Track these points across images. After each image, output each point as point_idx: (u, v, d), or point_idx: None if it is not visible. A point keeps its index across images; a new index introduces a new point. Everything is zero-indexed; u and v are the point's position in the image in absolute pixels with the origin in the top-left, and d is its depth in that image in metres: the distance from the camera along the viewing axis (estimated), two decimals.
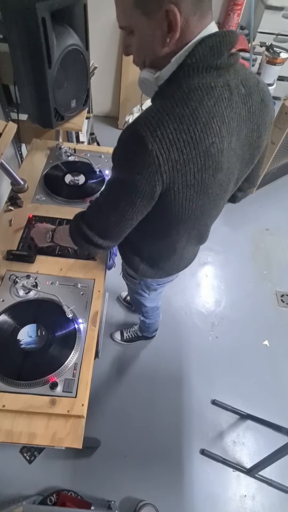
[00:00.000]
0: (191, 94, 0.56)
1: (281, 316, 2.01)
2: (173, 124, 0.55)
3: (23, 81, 1.18)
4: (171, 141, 0.56)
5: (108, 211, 0.71)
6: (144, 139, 0.55)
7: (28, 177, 1.30)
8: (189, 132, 0.56)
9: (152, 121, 0.55)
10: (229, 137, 0.62)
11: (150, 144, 0.55)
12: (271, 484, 1.44)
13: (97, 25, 2.41)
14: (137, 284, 1.14)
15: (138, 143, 0.56)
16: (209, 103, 0.57)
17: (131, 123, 0.59)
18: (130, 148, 0.58)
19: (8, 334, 0.90)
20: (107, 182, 0.71)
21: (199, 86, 0.57)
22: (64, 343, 0.89)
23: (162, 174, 0.58)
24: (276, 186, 2.80)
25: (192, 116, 0.56)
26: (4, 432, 0.77)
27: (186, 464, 1.47)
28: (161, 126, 0.55)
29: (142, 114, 0.58)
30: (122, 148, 0.61)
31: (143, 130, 0.55)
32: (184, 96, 0.56)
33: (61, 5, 1.05)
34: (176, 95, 0.57)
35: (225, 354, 1.81)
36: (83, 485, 1.36)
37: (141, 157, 0.57)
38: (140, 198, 0.63)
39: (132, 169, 0.59)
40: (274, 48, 3.09)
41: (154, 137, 0.55)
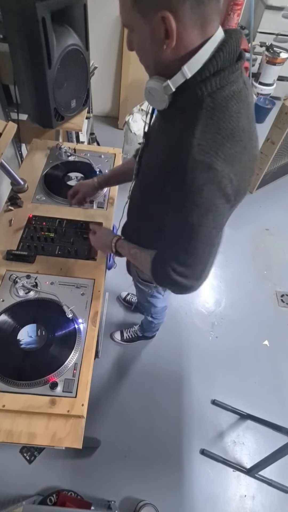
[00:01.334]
0: (229, 105, 0.57)
1: (281, 316, 2.01)
2: (227, 140, 0.56)
3: (23, 81, 1.18)
4: (231, 155, 0.57)
5: (202, 252, 0.68)
6: (212, 164, 0.55)
7: (28, 177, 1.30)
8: (242, 142, 0.58)
9: (208, 145, 0.55)
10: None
11: (219, 167, 0.55)
12: (271, 484, 1.44)
13: (97, 25, 2.41)
14: (152, 287, 1.14)
15: (207, 171, 0.55)
16: (244, 109, 0.59)
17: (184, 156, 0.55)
18: (201, 180, 0.56)
19: (8, 334, 0.90)
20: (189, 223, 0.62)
21: (232, 95, 0.57)
22: (64, 343, 0.89)
23: (233, 187, 0.60)
24: (276, 186, 2.80)
25: (239, 127, 0.57)
26: (4, 432, 0.77)
27: (186, 464, 1.47)
28: (219, 147, 0.55)
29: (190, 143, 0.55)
30: (189, 184, 0.57)
31: (206, 157, 0.54)
32: (224, 110, 0.56)
33: (61, 5, 1.05)
34: (215, 110, 0.56)
35: (225, 354, 1.81)
36: (83, 485, 1.36)
37: (216, 181, 0.56)
38: (224, 219, 0.66)
39: (211, 197, 0.58)
40: (274, 48, 3.10)
41: (218, 158, 0.55)
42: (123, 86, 2.86)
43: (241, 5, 2.87)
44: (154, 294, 1.19)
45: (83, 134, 2.10)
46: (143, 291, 1.20)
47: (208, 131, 0.55)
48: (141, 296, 1.29)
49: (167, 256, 0.73)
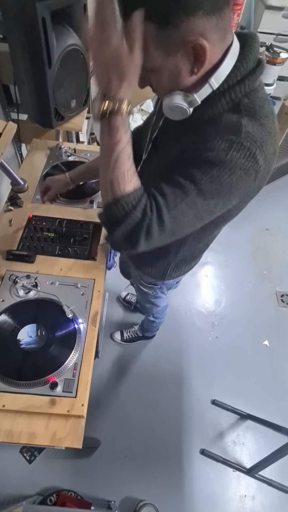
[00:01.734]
0: (265, 107, 0.58)
1: (281, 316, 2.01)
2: (268, 139, 0.57)
3: (23, 81, 1.18)
4: (269, 155, 0.57)
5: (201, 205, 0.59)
6: (256, 155, 0.55)
7: (28, 177, 1.30)
8: (275, 144, 0.59)
9: (256, 136, 0.55)
10: None
11: (260, 160, 0.56)
12: (271, 484, 1.44)
13: None
14: (157, 289, 1.14)
15: (249, 158, 0.55)
16: (273, 111, 0.60)
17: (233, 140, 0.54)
18: (240, 163, 0.55)
19: (8, 334, 0.90)
20: (193, 181, 0.56)
21: (265, 97, 0.59)
22: (64, 343, 0.89)
23: (256, 188, 0.61)
24: (276, 186, 2.79)
25: (274, 128, 0.59)
26: (4, 432, 0.77)
27: (186, 464, 1.47)
28: (264, 143, 0.56)
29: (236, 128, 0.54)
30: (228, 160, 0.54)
31: (253, 146, 0.54)
32: (262, 110, 0.57)
33: (61, 5, 1.04)
34: (256, 111, 0.56)
35: (225, 354, 1.81)
36: (83, 485, 1.36)
37: (249, 173, 0.56)
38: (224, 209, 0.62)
39: (235, 184, 0.57)
40: (274, 48, 3.09)
41: (262, 154, 0.56)
42: None
43: (241, 5, 2.87)
44: (158, 295, 1.18)
45: (83, 134, 2.10)
46: (146, 293, 1.19)
47: (254, 126, 0.55)
48: (143, 298, 1.28)
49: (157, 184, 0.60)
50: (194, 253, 0.95)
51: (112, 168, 0.56)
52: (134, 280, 1.20)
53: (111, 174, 0.57)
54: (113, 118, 0.54)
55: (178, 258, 0.94)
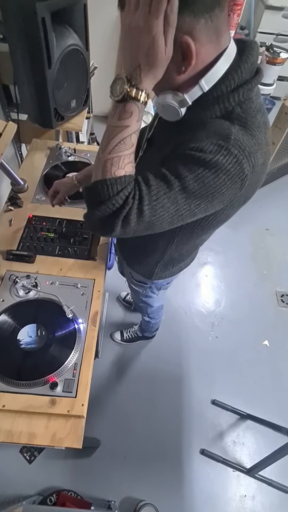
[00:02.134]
0: (257, 118, 0.58)
1: (281, 316, 2.01)
2: (258, 150, 0.57)
3: (23, 81, 1.18)
4: (257, 166, 0.57)
5: (182, 203, 0.58)
6: (243, 164, 0.55)
7: (28, 177, 1.30)
8: (266, 155, 0.60)
9: (245, 145, 0.55)
10: None
11: (246, 170, 0.56)
12: (271, 484, 1.44)
13: (97, 25, 2.41)
14: (147, 288, 1.14)
15: (235, 165, 0.54)
16: (267, 122, 0.60)
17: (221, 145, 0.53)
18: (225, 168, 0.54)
19: (8, 334, 0.90)
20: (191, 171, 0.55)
21: (259, 108, 0.58)
22: (64, 343, 0.89)
23: (241, 198, 0.62)
24: (276, 186, 2.80)
25: (265, 139, 0.59)
26: (4, 432, 0.77)
27: (186, 464, 1.47)
28: (252, 153, 0.56)
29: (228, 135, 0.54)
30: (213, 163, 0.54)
31: (240, 154, 0.54)
32: (254, 121, 0.57)
33: (61, 5, 1.05)
34: (248, 121, 0.57)
35: (225, 354, 1.81)
36: (83, 485, 1.36)
37: (234, 180, 0.56)
38: (206, 212, 0.62)
39: (218, 188, 0.56)
40: (274, 48, 3.09)
41: (249, 163, 0.56)
42: None
43: (241, 5, 2.87)
44: (149, 294, 1.19)
45: (83, 134, 2.10)
46: (137, 292, 1.20)
47: (244, 135, 0.55)
48: (136, 297, 1.29)
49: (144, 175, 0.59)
50: (182, 255, 0.95)
51: (111, 149, 0.56)
52: (127, 278, 1.21)
53: (108, 155, 0.56)
54: (130, 103, 0.55)
55: (165, 258, 0.94)
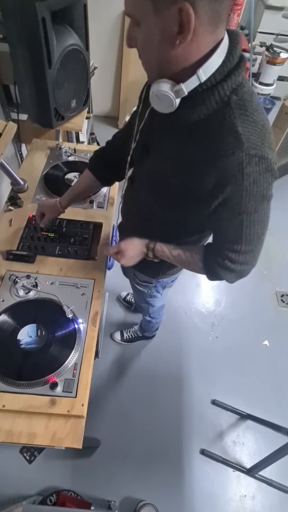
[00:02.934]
0: (254, 100, 0.59)
1: (281, 316, 2.01)
2: (265, 131, 0.60)
3: (23, 81, 1.18)
4: (271, 144, 0.61)
5: (261, 233, 0.72)
6: (264, 155, 0.58)
7: (28, 177, 1.30)
8: (271, 132, 0.62)
9: (256, 139, 0.57)
10: None
11: (269, 155, 0.59)
12: (271, 484, 1.44)
13: (97, 25, 2.41)
14: (152, 287, 1.14)
15: (260, 162, 0.58)
16: (259, 101, 0.62)
17: (239, 157, 0.57)
18: (257, 171, 0.59)
19: (8, 334, 0.90)
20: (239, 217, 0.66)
21: (251, 91, 0.60)
22: (64, 343, 0.89)
23: (276, 170, 0.64)
24: (276, 186, 2.76)
25: (265, 117, 0.61)
26: (4, 432, 0.77)
27: (186, 464, 1.47)
28: (264, 138, 0.59)
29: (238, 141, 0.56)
30: (249, 180, 0.60)
31: (258, 150, 0.57)
32: (251, 104, 0.59)
33: (61, 5, 1.05)
34: (246, 106, 0.58)
35: (225, 354, 1.81)
36: (83, 485, 1.36)
37: (269, 168, 0.60)
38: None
39: (266, 185, 0.63)
40: (274, 48, 3.09)
41: (267, 149, 0.59)
42: (123, 86, 2.86)
43: (241, 5, 2.87)
44: (153, 293, 1.18)
45: (83, 134, 2.10)
46: (142, 292, 1.19)
47: (249, 125, 0.57)
48: (140, 298, 1.28)
49: (223, 248, 0.73)
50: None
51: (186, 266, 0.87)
52: (130, 279, 1.20)
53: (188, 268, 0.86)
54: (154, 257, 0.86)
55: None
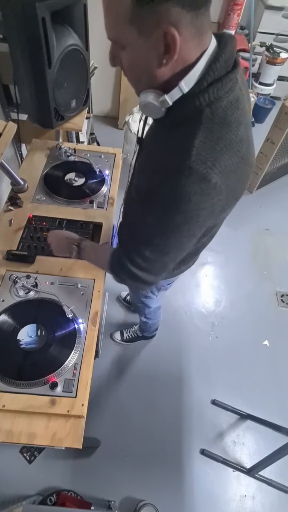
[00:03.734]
0: (227, 116, 0.56)
1: (281, 316, 2.01)
2: (225, 152, 0.56)
3: (23, 81, 1.18)
4: (228, 167, 0.56)
5: (166, 251, 0.68)
6: (207, 176, 0.54)
7: (28, 177, 1.30)
8: (239, 153, 0.58)
9: (207, 156, 0.54)
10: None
11: (213, 179, 0.55)
12: (271, 484, 1.44)
13: (97, 25, 2.40)
14: (147, 288, 1.14)
15: (200, 181, 0.54)
16: (242, 118, 0.58)
17: (180, 163, 0.55)
18: (192, 188, 0.55)
19: (8, 334, 0.90)
20: (160, 220, 0.63)
21: (230, 105, 0.56)
22: (64, 343, 0.89)
23: (223, 200, 0.59)
24: (276, 186, 2.80)
25: (237, 137, 0.57)
26: (4, 432, 0.77)
27: (186, 464, 1.47)
28: (218, 158, 0.55)
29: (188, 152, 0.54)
30: (179, 190, 0.56)
31: (203, 168, 0.54)
32: (222, 121, 0.56)
33: (61, 5, 1.04)
34: (214, 121, 0.55)
35: (225, 354, 1.81)
36: (83, 485, 1.36)
37: (206, 193, 0.56)
38: (201, 228, 0.64)
39: (196, 208, 0.57)
40: (274, 48, 3.09)
41: (215, 171, 0.55)
42: (123, 86, 2.86)
43: (241, 5, 2.87)
44: (149, 294, 1.19)
45: (83, 134, 2.10)
46: (137, 292, 1.20)
47: (207, 142, 0.55)
48: (135, 297, 1.29)
49: (131, 247, 0.72)
50: (182, 260, 0.95)
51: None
52: None
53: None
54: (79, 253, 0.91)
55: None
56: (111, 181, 1.35)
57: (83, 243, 0.91)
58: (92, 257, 0.91)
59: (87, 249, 0.91)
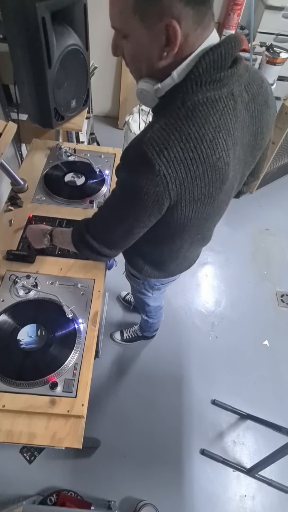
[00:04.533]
0: (196, 110, 0.55)
1: (281, 316, 2.01)
2: (179, 143, 0.55)
3: (23, 81, 1.18)
4: (178, 160, 0.55)
5: (115, 226, 0.71)
6: (151, 161, 0.54)
7: (28, 177, 1.30)
8: (196, 150, 0.56)
9: (158, 141, 0.54)
10: (234, 147, 0.62)
11: (157, 165, 0.54)
12: (271, 484, 1.44)
13: (97, 25, 2.40)
14: (140, 283, 1.15)
15: (145, 164, 0.55)
16: (214, 118, 0.56)
17: (136, 142, 0.57)
18: (136, 169, 0.57)
19: (8, 334, 0.90)
20: (113, 194, 0.69)
21: (204, 101, 0.55)
22: (64, 343, 0.89)
23: (170, 192, 0.58)
24: (276, 186, 2.80)
25: (199, 134, 0.55)
26: (4, 432, 0.77)
27: (186, 464, 1.47)
28: (168, 147, 0.54)
29: (147, 133, 0.56)
30: (127, 168, 0.60)
31: (149, 151, 0.54)
32: (189, 113, 0.55)
33: (61, 5, 1.04)
34: (180, 112, 0.55)
35: (225, 354, 1.81)
36: (83, 485, 1.36)
37: (148, 178, 0.56)
38: (147, 215, 0.64)
39: (139, 189, 0.58)
40: (274, 48, 3.09)
41: (162, 158, 0.54)
42: (123, 86, 2.86)
43: (241, 5, 2.87)
44: (142, 290, 1.19)
45: (83, 134, 2.10)
46: (133, 286, 1.22)
47: (165, 129, 0.55)
48: (133, 291, 1.31)
49: (90, 219, 0.78)
50: (164, 258, 0.95)
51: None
52: (125, 270, 1.21)
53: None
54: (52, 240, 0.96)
55: (147, 258, 0.98)
56: (111, 181, 1.35)
57: (54, 231, 0.95)
58: (61, 239, 0.93)
59: (56, 234, 0.94)
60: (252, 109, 0.64)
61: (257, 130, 0.67)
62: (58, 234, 0.94)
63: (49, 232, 0.96)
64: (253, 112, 0.64)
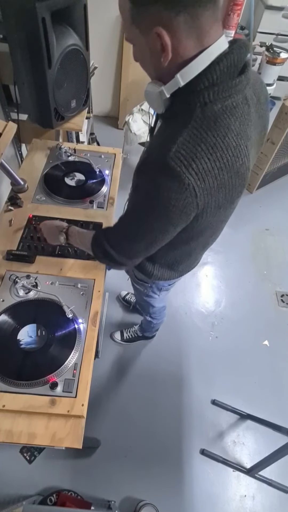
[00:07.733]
0: (218, 120, 0.56)
1: (281, 316, 2.01)
2: (206, 154, 0.55)
3: (23, 81, 1.18)
4: (206, 171, 0.56)
5: (139, 238, 0.71)
6: (181, 175, 0.54)
7: (28, 177, 1.30)
8: (222, 159, 0.57)
9: (185, 155, 0.54)
10: (250, 150, 0.63)
11: (187, 179, 0.55)
12: (271, 484, 1.44)
13: (97, 25, 2.41)
14: (148, 287, 1.15)
15: (173, 178, 0.55)
16: (235, 125, 0.57)
17: (160, 157, 0.56)
18: (164, 183, 0.56)
19: (8, 334, 0.90)
20: (136, 206, 0.68)
21: (224, 110, 0.56)
22: (64, 343, 0.89)
23: (198, 202, 0.59)
24: (276, 186, 2.80)
25: (224, 143, 0.56)
26: (4, 432, 0.77)
27: (186, 464, 1.47)
28: (196, 159, 0.55)
29: (170, 147, 0.55)
30: (153, 182, 0.58)
31: (177, 166, 0.54)
32: (211, 124, 0.56)
33: (61, 5, 1.04)
34: (203, 123, 0.56)
35: (225, 354, 1.81)
36: (83, 485, 1.36)
37: (178, 192, 0.56)
38: (173, 226, 0.64)
39: (167, 202, 0.58)
40: (274, 48, 3.09)
41: (190, 171, 0.55)
42: (123, 86, 2.86)
43: (241, 5, 2.87)
44: (150, 294, 1.19)
45: (83, 134, 2.10)
46: (139, 290, 1.21)
47: (190, 141, 0.55)
48: (138, 296, 1.30)
49: (111, 228, 0.79)
50: (176, 261, 0.97)
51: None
52: (130, 276, 1.21)
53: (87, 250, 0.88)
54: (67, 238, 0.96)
55: (158, 261, 0.98)
56: (111, 181, 1.35)
57: (70, 229, 0.95)
58: (78, 241, 0.93)
59: (73, 234, 0.94)
60: (259, 109, 0.66)
61: (262, 128, 0.69)
62: (75, 235, 0.94)
63: (65, 230, 0.95)
64: (260, 112, 0.66)
